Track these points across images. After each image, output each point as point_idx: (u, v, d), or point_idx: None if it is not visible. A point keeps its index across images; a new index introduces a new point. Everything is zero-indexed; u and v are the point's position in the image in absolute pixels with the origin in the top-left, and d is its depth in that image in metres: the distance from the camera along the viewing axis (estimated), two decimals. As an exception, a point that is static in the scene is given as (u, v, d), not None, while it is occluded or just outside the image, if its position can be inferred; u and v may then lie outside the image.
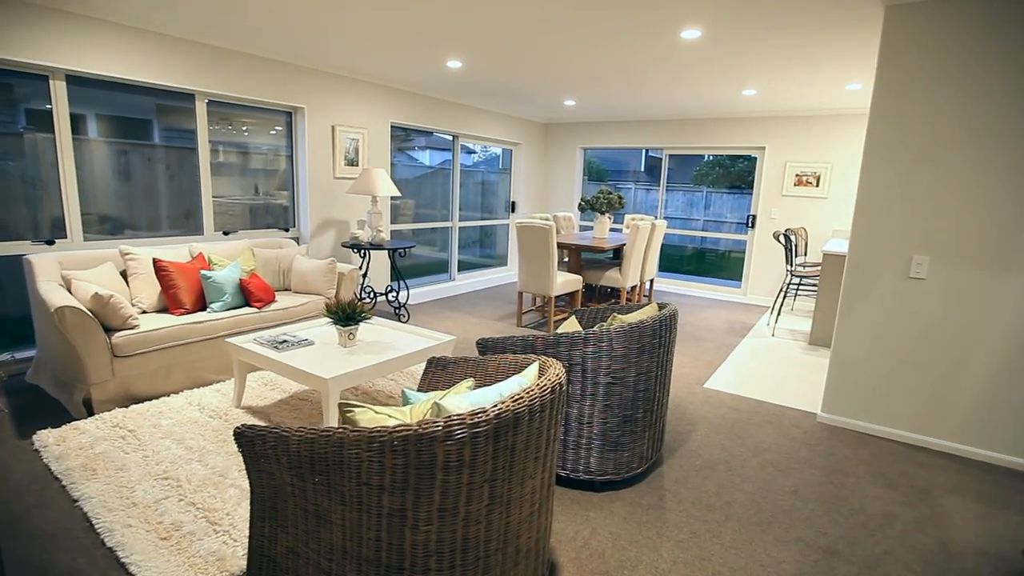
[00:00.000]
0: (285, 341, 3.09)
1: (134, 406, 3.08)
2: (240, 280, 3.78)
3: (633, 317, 2.59)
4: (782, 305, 5.60)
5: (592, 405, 2.41)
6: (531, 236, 5.02)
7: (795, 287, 5.63)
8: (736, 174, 8.24)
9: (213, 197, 4.61)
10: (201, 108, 4.41)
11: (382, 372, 2.80)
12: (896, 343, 3.18)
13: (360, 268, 5.46)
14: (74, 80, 3.71)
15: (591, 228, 8.69)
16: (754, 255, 7.19)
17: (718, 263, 9.13)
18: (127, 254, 3.60)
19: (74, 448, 2.56)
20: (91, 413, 2.99)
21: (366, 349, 3.06)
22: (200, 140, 4.44)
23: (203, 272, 3.62)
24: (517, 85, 5.65)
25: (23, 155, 3.61)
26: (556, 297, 5.12)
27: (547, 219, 6.33)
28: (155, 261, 3.52)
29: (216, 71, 4.33)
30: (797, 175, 6.77)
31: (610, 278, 5.70)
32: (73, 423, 2.83)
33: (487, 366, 2.10)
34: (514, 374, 2.02)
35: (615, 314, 2.56)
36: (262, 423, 2.72)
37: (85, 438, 2.67)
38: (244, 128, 4.83)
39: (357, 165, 5.63)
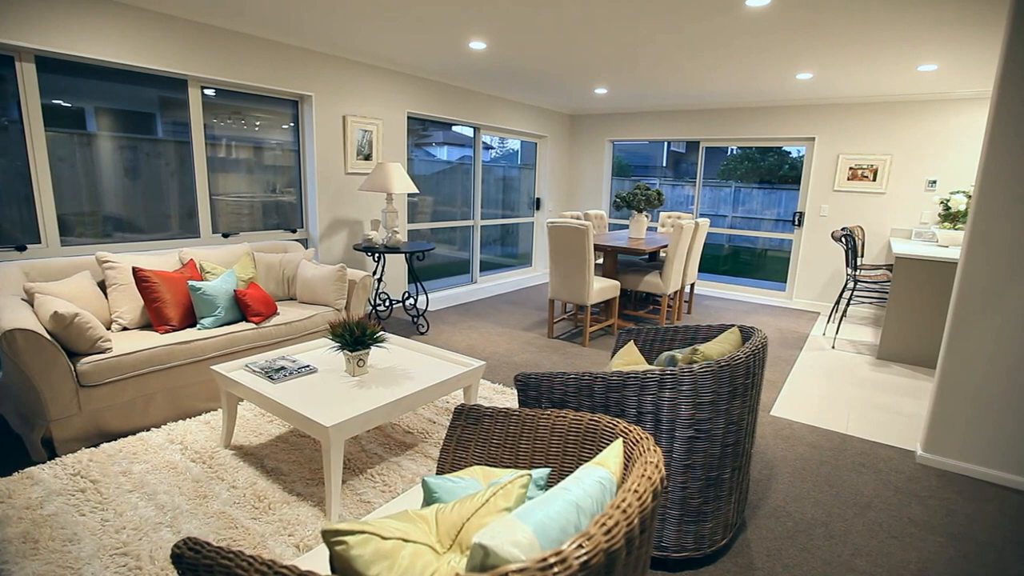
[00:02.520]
0: (282, 368, 2.59)
1: (104, 445, 2.60)
2: (235, 291, 3.29)
3: (715, 348, 2.03)
4: (844, 314, 4.99)
5: (668, 466, 1.86)
6: (565, 238, 4.47)
7: (852, 292, 5.01)
8: (767, 168, 7.60)
9: (212, 196, 4.13)
10: (195, 96, 3.92)
11: (399, 412, 2.28)
12: (1026, 371, 2.58)
13: (374, 273, 4.96)
14: (57, 66, 3.24)
15: (622, 227, 8.12)
16: (801, 256, 6.56)
17: (754, 263, 8.51)
18: (105, 261, 3.12)
19: (20, 507, 2.08)
20: (53, 455, 2.51)
21: (379, 379, 2.54)
22: (194, 132, 3.96)
23: (191, 283, 3.13)
24: (546, 71, 5.09)
25: (6, 151, 3.16)
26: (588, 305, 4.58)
27: (578, 216, 5.78)
28: (135, 270, 3.04)
29: (210, 54, 3.84)
30: (851, 168, 6.12)
31: (649, 283, 5.13)
32: (27, 470, 2.35)
33: (537, 426, 1.57)
34: (578, 444, 1.48)
35: (696, 347, 2.00)
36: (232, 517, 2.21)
37: (37, 492, 2.19)
38: (245, 120, 4.34)
39: (371, 159, 5.12)
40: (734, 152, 7.81)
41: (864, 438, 3.10)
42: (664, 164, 8.86)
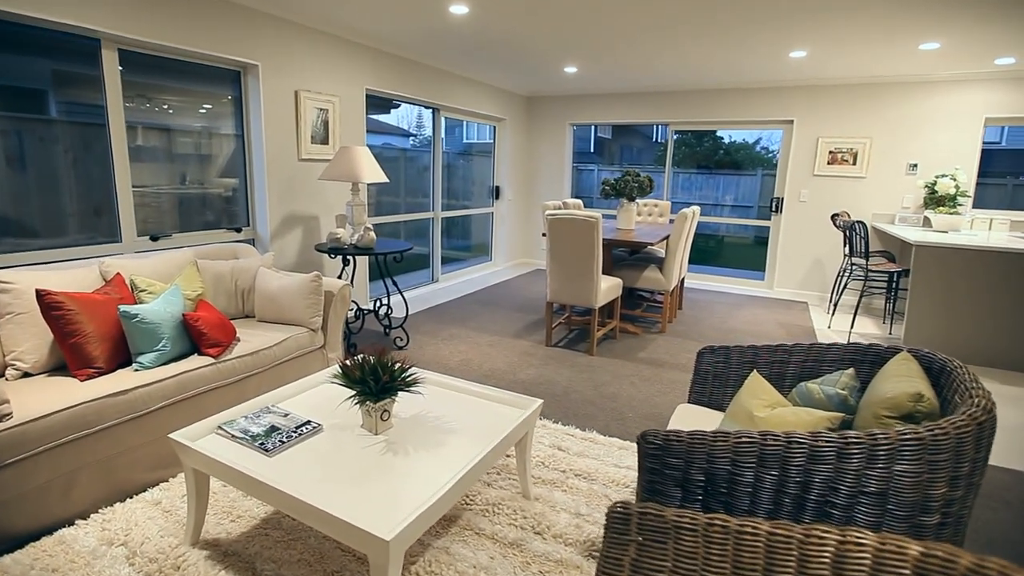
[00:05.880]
0: (273, 429, 1.87)
1: (6, 558, 1.78)
2: (183, 316, 2.48)
3: (912, 388, 1.52)
4: (857, 307, 4.74)
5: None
6: (569, 232, 3.90)
7: (865, 283, 4.79)
8: (703, 154, 7.41)
9: (134, 188, 3.24)
10: (110, 61, 3.02)
11: (461, 493, 1.63)
12: None
13: (339, 277, 4.19)
14: None
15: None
16: (780, 243, 6.34)
17: (714, 250, 8.34)
18: (-7, 282, 2.24)
19: None
20: (-77, 582, 1.68)
21: (412, 436, 1.88)
22: (111, 108, 3.06)
23: (123, 308, 2.30)
24: (525, 42, 4.48)
25: None
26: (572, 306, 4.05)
27: (559, 206, 5.24)
28: (40, 294, 2.18)
29: (130, 6, 2.95)
30: (831, 152, 5.94)
31: (649, 279, 4.67)
32: None
33: (802, 557, 0.97)
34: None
35: (920, 393, 1.48)
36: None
37: None
38: (172, 94, 3.45)
39: (328, 143, 4.32)
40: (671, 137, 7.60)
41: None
42: (592, 150, 8.54)
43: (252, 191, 3.93)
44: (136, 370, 2.28)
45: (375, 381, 1.78)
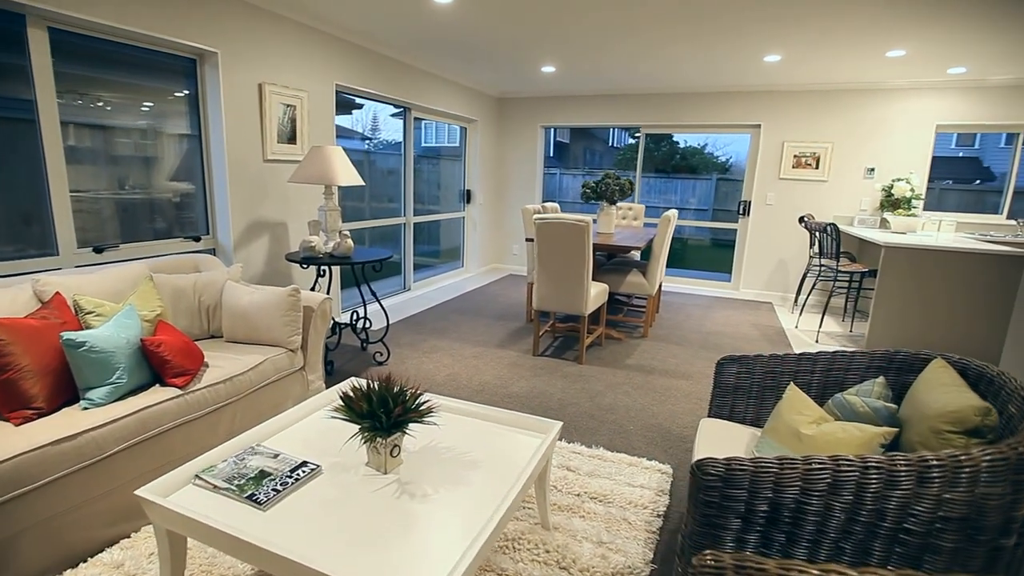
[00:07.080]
0: (263, 474, 1.58)
1: (-72, 653, 1.44)
2: (141, 341, 2.14)
3: (974, 400, 1.39)
4: (827, 306, 4.75)
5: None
6: (558, 237, 3.70)
7: (835, 284, 4.80)
8: (660, 158, 7.42)
9: (71, 193, 2.85)
10: (38, 41, 2.63)
11: (494, 542, 1.39)
12: None
13: (314, 288, 3.87)
14: None
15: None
16: (747, 245, 6.35)
17: (680, 252, 8.34)
18: (-97, 308, 1.86)
19: None
20: None
21: (426, 473, 1.62)
22: (41, 97, 2.67)
23: (67, 336, 1.95)
24: (507, 36, 4.26)
25: None
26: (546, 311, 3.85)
27: (539, 211, 5.04)
28: (-36, 321, 1.82)
29: (65, -19, 2.58)
30: (795, 156, 5.99)
31: (632, 284, 4.52)
32: None
33: None
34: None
35: (988, 407, 1.34)
36: None
37: None
38: (115, 84, 3.07)
39: (296, 143, 3.99)
40: (630, 141, 7.59)
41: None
42: (552, 154, 8.45)
43: (212, 195, 3.57)
44: (85, 408, 1.93)
45: (386, 414, 1.52)
